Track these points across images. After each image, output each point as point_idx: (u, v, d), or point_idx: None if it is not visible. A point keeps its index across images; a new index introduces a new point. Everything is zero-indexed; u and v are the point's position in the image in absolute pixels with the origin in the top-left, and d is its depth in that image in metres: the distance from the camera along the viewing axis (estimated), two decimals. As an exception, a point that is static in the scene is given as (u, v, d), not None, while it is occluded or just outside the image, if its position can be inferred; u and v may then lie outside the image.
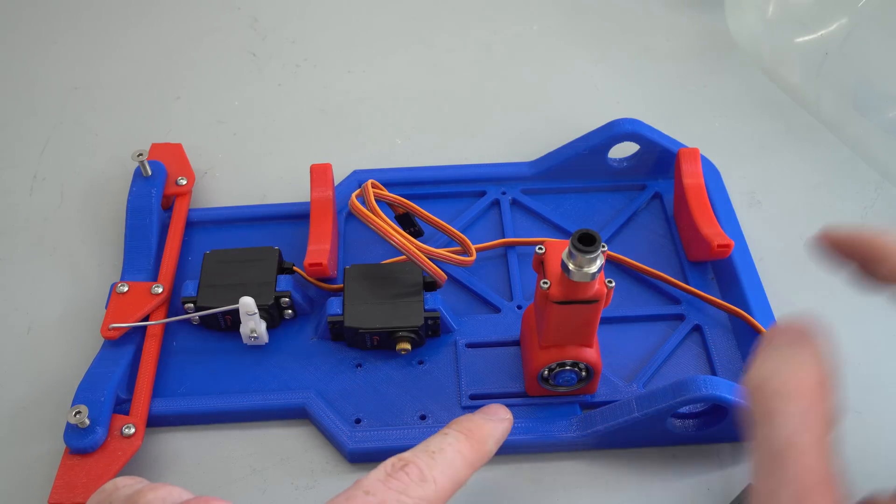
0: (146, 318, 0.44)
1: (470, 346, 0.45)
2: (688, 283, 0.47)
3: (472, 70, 0.63)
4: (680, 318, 0.46)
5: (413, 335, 0.43)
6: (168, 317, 0.45)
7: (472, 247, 0.46)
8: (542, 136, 0.57)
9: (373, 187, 0.44)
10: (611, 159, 0.52)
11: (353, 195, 0.44)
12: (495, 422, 0.35)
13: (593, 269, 0.35)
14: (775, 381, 0.26)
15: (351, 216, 0.51)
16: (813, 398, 0.25)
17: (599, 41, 0.65)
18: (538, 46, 0.65)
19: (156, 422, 0.42)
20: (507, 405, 0.42)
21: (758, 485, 0.25)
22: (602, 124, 0.51)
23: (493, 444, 0.34)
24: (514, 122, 0.59)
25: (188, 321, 0.45)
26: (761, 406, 0.26)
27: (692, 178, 0.49)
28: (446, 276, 0.45)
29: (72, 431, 0.39)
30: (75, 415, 0.39)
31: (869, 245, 0.31)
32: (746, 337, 0.44)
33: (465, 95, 0.61)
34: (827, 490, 0.24)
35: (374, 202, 0.43)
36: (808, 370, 0.26)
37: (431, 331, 0.44)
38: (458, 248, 0.47)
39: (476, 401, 0.42)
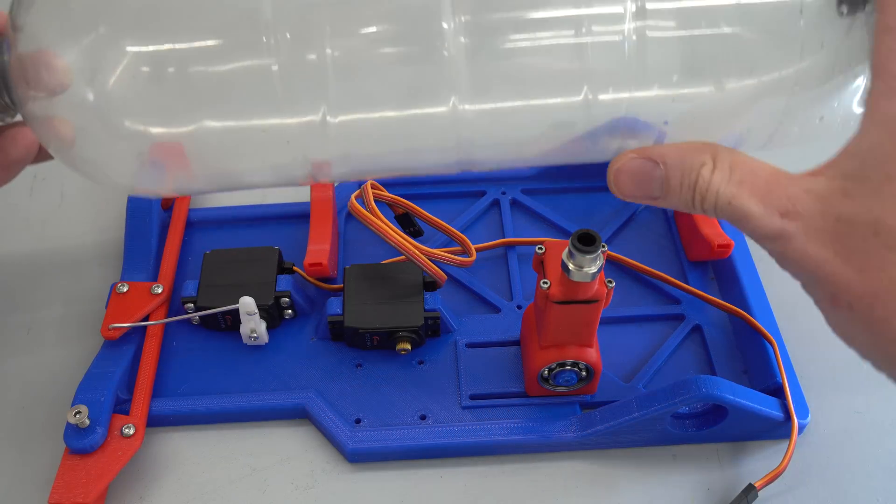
0: (146, 318, 0.44)
1: (470, 346, 0.45)
2: (688, 283, 0.47)
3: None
4: (680, 318, 0.46)
5: (413, 335, 0.43)
6: (168, 317, 0.45)
7: (472, 247, 0.46)
8: (542, 136, 0.57)
9: (372, 188, 0.44)
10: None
11: (353, 196, 0.44)
12: None
13: (593, 269, 0.35)
14: None
15: (351, 216, 0.51)
16: None
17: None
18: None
19: (156, 422, 0.42)
20: (507, 405, 0.42)
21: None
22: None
23: None
24: (514, 122, 0.59)
25: (188, 321, 0.45)
26: None
27: (692, 178, 0.48)
28: (446, 277, 0.45)
29: (72, 431, 0.39)
30: (75, 415, 0.38)
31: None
32: (746, 337, 0.44)
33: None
34: None
35: (373, 203, 0.43)
36: None
37: (431, 331, 0.44)
38: (458, 248, 0.47)
39: (476, 401, 0.42)
